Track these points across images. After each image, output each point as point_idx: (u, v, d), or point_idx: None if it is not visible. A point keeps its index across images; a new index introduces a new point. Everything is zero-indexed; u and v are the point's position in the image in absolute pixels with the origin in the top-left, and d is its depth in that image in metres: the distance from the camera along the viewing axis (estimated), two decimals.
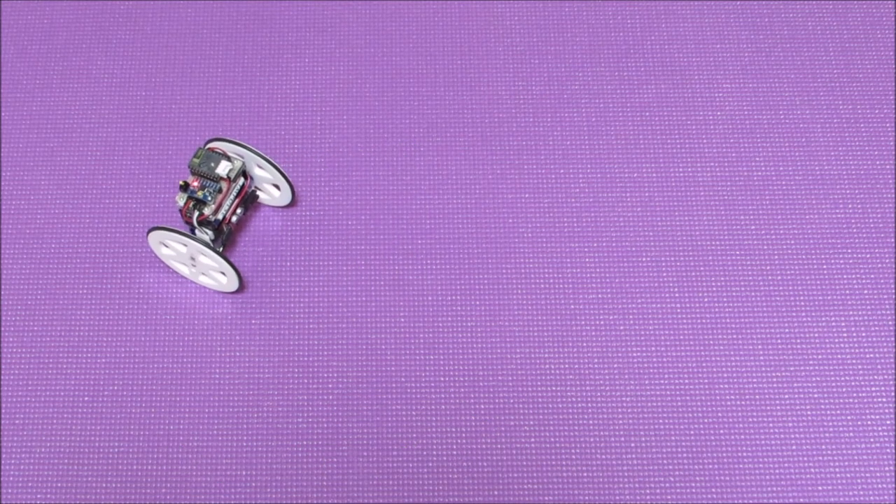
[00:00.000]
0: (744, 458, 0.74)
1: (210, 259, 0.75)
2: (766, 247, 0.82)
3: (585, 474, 0.74)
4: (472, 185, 0.84)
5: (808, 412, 0.76)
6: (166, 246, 0.77)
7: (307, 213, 0.83)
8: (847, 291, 0.80)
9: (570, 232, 0.82)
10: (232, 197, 0.77)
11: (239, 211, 0.78)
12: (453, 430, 0.75)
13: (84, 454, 0.74)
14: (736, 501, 0.73)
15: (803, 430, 0.75)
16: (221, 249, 0.78)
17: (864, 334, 0.79)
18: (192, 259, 0.77)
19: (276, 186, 0.81)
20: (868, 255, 0.81)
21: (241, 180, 0.78)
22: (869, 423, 0.75)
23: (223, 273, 0.77)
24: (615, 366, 0.77)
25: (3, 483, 0.74)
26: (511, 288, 0.80)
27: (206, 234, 0.77)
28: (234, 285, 0.78)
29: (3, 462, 0.74)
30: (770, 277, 0.80)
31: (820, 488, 0.73)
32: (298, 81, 0.88)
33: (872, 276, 0.81)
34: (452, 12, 0.92)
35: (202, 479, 0.74)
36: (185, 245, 0.75)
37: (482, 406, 0.76)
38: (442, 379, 0.77)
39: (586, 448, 0.75)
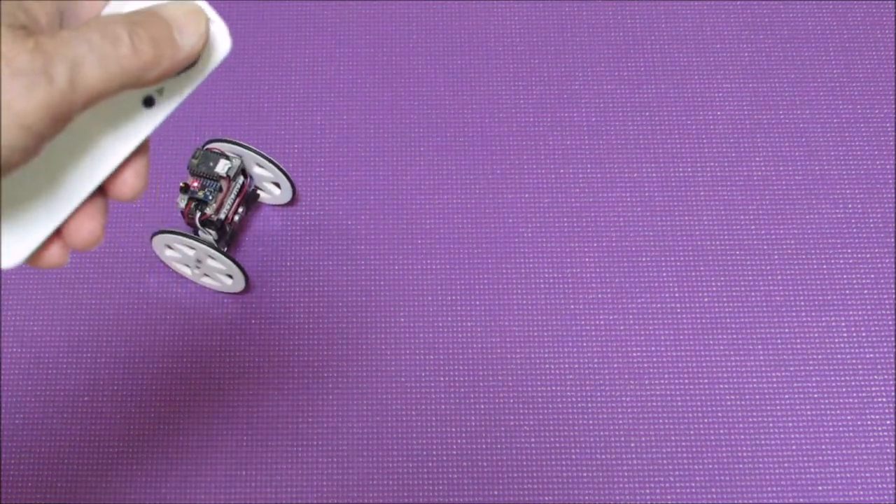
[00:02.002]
0: (744, 458, 0.74)
1: (218, 262, 0.75)
2: (766, 247, 0.82)
3: (585, 474, 0.74)
4: (472, 185, 0.84)
5: (808, 412, 0.76)
6: (171, 248, 0.77)
7: (307, 213, 0.83)
8: (847, 291, 0.80)
9: (570, 232, 0.82)
10: (233, 196, 0.77)
11: (241, 210, 0.78)
12: (453, 430, 0.75)
13: (84, 454, 0.74)
14: (736, 501, 0.73)
15: (803, 430, 0.75)
16: (226, 249, 0.78)
17: (864, 334, 0.79)
18: (198, 262, 0.77)
19: (277, 185, 0.81)
20: (868, 255, 0.81)
21: (241, 178, 0.78)
22: (869, 423, 0.76)
23: (230, 276, 0.77)
24: (615, 366, 0.77)
25: (3, 483, 0.74)
26: (511, 288, 0.80)
27: (210, 235, 0.77)
28: (241, 286, 0.78)
29: (2, 462, 0.74)
30: (770, 277, 0.80)
31: (820, 488, 0.73)
32: (298, 81, 0.88)
33: (872, 276, 0.81)
34: (452, 12, 0.92)
35: (202, 479, 0.74)
36: (193, 248, 0.75)
37: (482, 406, 0.76)
38: (442, 379, 0.77)
39: (586, 448, 0.75)
